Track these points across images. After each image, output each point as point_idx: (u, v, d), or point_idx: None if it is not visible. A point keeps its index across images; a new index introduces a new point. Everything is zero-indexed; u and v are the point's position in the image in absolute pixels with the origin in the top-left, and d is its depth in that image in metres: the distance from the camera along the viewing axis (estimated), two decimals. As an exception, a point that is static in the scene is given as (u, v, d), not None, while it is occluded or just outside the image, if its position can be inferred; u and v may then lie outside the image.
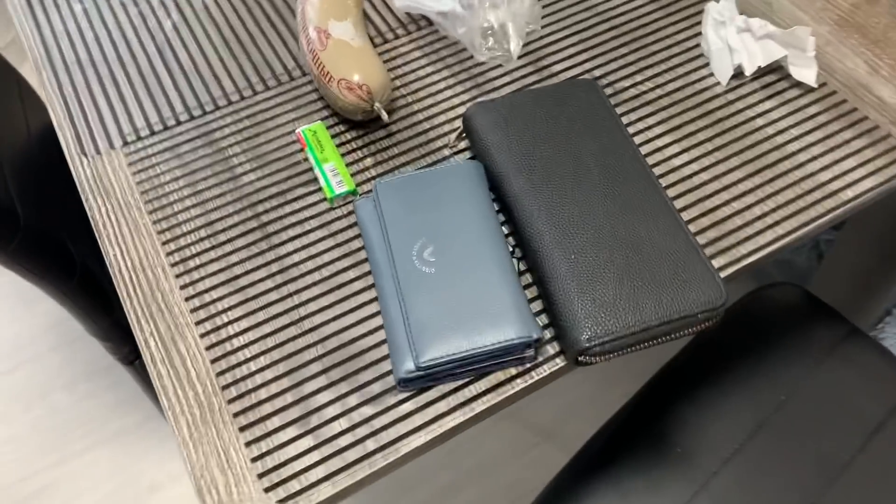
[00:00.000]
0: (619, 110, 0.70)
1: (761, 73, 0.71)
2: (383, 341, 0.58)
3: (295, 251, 0.62)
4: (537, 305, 0.59)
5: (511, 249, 0.61)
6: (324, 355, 0.57)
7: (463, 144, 0.68)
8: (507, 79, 0.72)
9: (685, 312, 0.54)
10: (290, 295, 0.60)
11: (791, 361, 0.89)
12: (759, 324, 0.90)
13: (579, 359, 0.53)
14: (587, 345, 0.52)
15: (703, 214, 0.63)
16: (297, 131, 0.69)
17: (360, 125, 0.70)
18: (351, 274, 0.61)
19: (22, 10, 0.81)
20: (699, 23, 0.75)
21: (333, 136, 0.69)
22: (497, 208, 0.64)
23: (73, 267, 0.89)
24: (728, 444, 0.91)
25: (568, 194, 0.59)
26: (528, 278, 0.60)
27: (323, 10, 0.69)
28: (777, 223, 0.62)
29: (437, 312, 0.54)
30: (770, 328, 0.90)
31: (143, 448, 1.48)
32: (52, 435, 1.49)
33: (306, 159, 0.68)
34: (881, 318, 1.08)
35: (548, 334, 0.57)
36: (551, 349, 0.57)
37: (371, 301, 0.60)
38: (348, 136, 0.69)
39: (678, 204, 0.64)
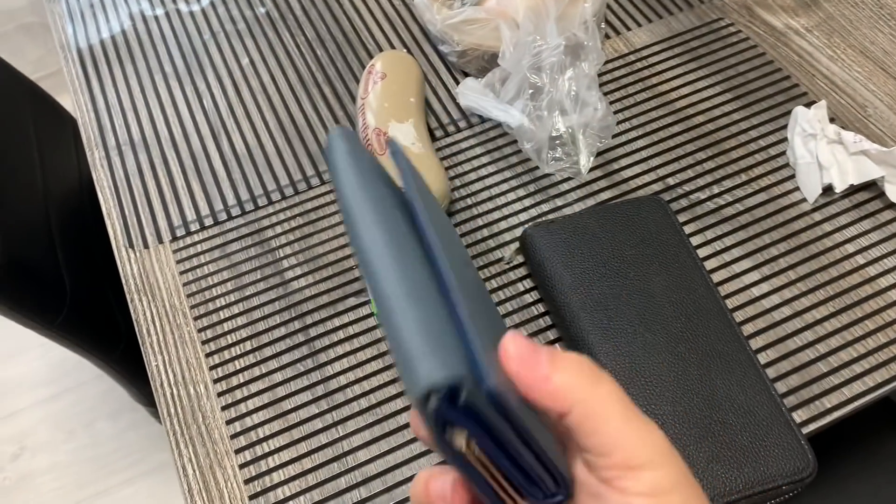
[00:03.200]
0: (694, 226, 0.65)
1: (852, 190, 0.66)
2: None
3: (342, 372, 0.59)
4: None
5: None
6: (367, 500, 0.54)
7: (520, 259, 0.64)
8: (574, 183, 0.68)
9: (767, 485, 0.49)
10: (335, 424, 0.57)
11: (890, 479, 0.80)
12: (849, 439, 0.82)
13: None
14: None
15: (783, 357, 0.58)
16: (350, 233, 0.66)
17: (416, 229, 0.66)
18: (399, 403, 0.58)
19: (79, 81, 0.79)
20: (786, 126, 0.70)
21: (388, 241, 0.66)
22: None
23: (118, 337, 0.87)
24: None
25: (638, 337, 0.54)
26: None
27: (384, 110, 0.66)
28: (866, 373, 0.57)
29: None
30: (859, 441, 0.81)
31: (182, 483, 1.48)
32: (93, 465, 1.49)
33: (358, 265, 0.65)
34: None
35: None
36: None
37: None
38: (404, 240, 0.66)
39: (756, 343, 0.59)
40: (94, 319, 0.85)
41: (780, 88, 0.73)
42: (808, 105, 0.70)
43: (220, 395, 0.59)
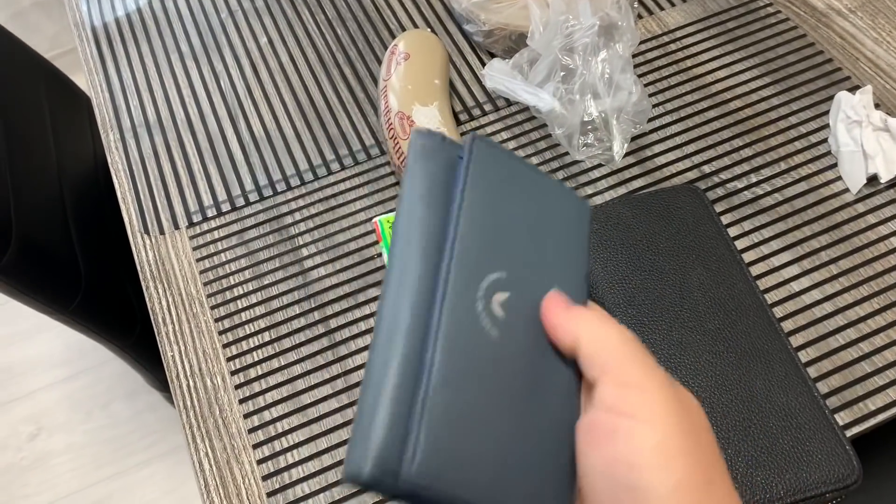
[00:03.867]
0: (731, 216, 0.62)
1: (898, 180, 0.63)
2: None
3: (363, 365, 0.57)
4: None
5: None
6: (386, 499, 0.52)
7: (552, 248, 0.61)
8: (605, 170, 0.65)
9: (810, 492, 0.47)
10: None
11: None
12: None
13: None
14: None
15: (824, 356, 0.55)
16: (374, 220, 0.63)
17: (440, 217, 0.64)
18: (423, 398, 0.56)
19: (93, 60, 0.77)
20: (828, 112, 0.67)
21: (411, 229, 0.63)
22: None
23: (133, 322, 0.86)
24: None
25: (673, 334, 0.52)
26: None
27: (407, 92, 0.63)
28: (913, 373, 0.54)
29: (478, 406, 0.31)
30: None
31: (198, 465, 1.47)
32: (110, 446, 1.49)
33: (380, 255, 0.62)
34: None
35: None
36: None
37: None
38: (427, 229, 0.64)
39: (796, 340, 0.56)
40: (110, 305, 0.83)
41: (821, 72, 0.70)
42: (852, 90, 0.67)
43: (237, 387, 0.57)
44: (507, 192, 0.36)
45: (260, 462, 0.54)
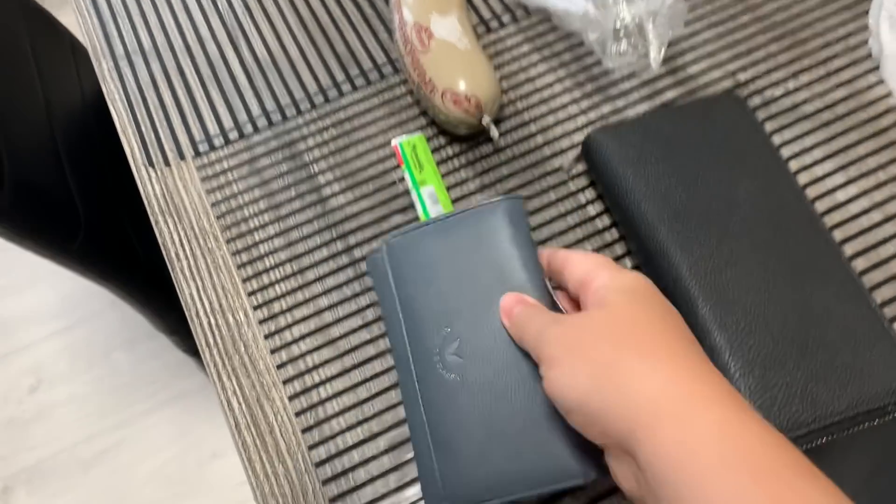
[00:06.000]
0: (770, 125, 0.59)
1: (944, 81, 0.59)
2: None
3: (393, 295, 0.54)
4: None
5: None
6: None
7: (580, 167, 0.58)
8: (636, 81, 0.61)
9: (872, 405, 0.45)
10: (389, 351, 0.52)
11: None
12: None
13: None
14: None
15: (875, 266, 0.53)
16: (394, 143, 0.60)
17: (462, 138, 0.61)
18: (458, 326, 0.53)
19: (77, -16, 0.71)
20: (866, 12, 0.63)
21: (433, 151, 0.60)
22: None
23: (137, 263, 0.82)
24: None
25: (723, 249, 0.49)
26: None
27: (423, 3, 0.59)
28: (967, 280, 0.52)
29: (466, 438, 0.42)
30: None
31: (205, 412, 1.46)
32: (113, 395, 1.47)
33: (402, 179, 0.59)
34: None
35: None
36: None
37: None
38: (449, 150, 0.60)
39: (845, 251, 0.54)
40: (111, 245, 0.79)
41: (858, -29, 0.66)
42: (892, -12, 0.63)
43: (261, 322, 0.54)
44: (431, 258, 0.46)
45: (292, 398, 0.51)
